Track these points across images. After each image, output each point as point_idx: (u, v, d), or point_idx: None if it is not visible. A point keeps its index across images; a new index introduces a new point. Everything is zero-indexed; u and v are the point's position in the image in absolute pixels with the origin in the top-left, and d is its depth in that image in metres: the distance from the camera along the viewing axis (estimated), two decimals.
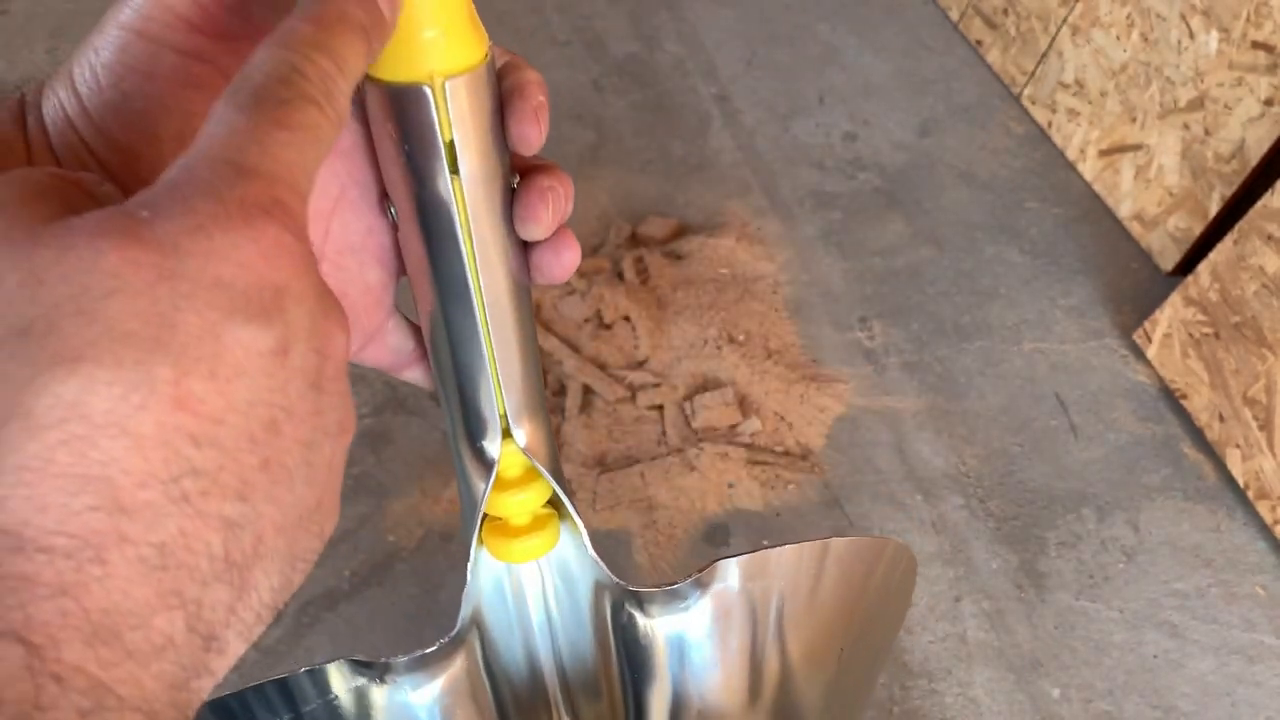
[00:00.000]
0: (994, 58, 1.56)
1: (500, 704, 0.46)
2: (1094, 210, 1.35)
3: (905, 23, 1.67)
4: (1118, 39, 1.32)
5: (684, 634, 0.44)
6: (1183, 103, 1.23)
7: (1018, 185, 1.39)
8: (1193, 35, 1.21)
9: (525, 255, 0.34)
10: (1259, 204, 1.02)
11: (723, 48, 1.63)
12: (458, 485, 0.39)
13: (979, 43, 1.60)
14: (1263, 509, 1.01)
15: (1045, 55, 1.45)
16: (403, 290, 0.37)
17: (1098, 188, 1.36)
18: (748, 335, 1.18)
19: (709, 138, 1.47)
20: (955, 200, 1.38)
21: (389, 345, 0.37)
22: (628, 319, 1.16)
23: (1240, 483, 1.04)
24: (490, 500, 0.38)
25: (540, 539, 0.40)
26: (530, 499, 0.39)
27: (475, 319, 0.33)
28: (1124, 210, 1.32)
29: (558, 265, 0.34)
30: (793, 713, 0.48)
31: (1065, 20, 1.41)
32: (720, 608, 0.44)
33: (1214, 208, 1.18)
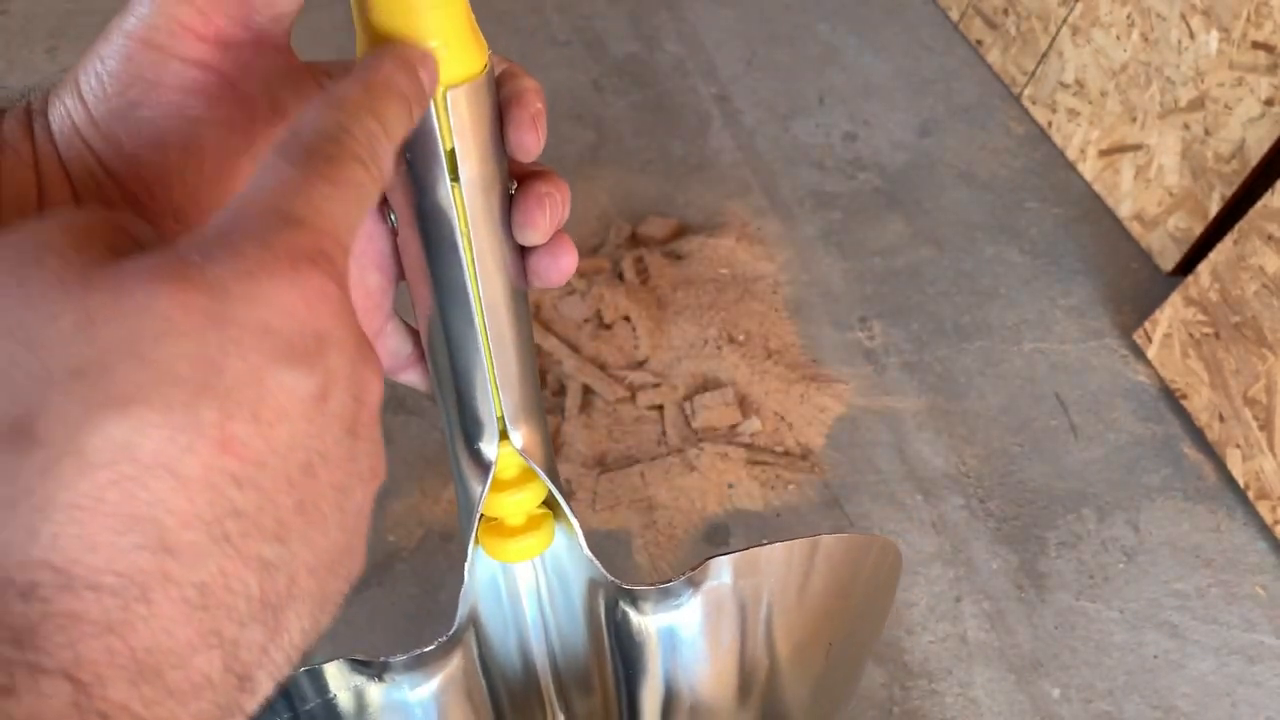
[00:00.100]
0: (994, 58, 1.56)
1: (495, 700, 0.47)
2: (1094, 210, 1.35)
3: (905, 23, 1.68)
4: (1118, 39, 1.32)
5: (676, 630, 0.45)
6: (1183, 103, 1.23)
7: (1018, 185, 1.39)
8: (1193, 35, 1.21)
9: (522, 259, 0.34)
10: (1259, 204, 1.02)
11: (723, 48, 1.63)
12: (455, 486, 0.40)
13: (979, 43, 1.60)
14: (1263, 509, 1.01)
15: (1045, 55, 1.45)
16: (400, 294, 0.37)
17: (1098, 188, 1.36)
18: (748, 335, 1.18)
19: (709, 138, 1.47)
20: (955, 200, 1.38)
21: (387, 348, 0.37)
22: (628, 319, 1.16)
23: (1240, 483, 1.04)
24: (487, 501, 0.39)
25: (536, 538, 0.40)
26: (526, 499, 0.39)
27: (473, 323, 0.34)
28: (1124, 210, 1.32)
29: (555, 269, 0.34)
30: (782, 707, 0.49)
31: (1065, 20, 1.41)
32: (712, 605, 0.45)
33: (1214, 208, 1.18)
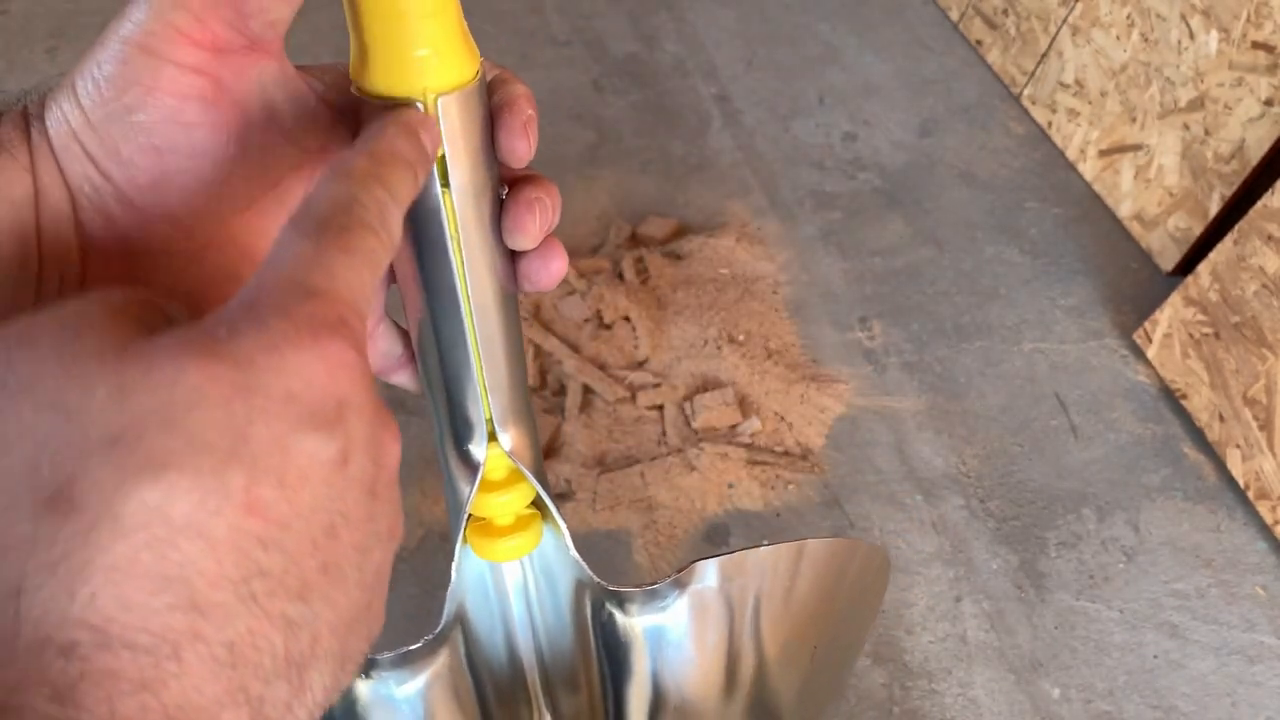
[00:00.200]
0: (994, 58, 1.56)
1: (481, 697, 0.47)
2: (1094, 210, 1.35)
3: (905, 23, 1.68)
4: (1118, 39, 1.32)
5: (662, 632, 0.45)
6: (1183, 103, 1.23)
7: (1018, 185, 1.39)
8: (1193, 35, 1.21)
9: (513, 264, 0.35)
10: (1259, 204, 1.02)
11: (723, 48, 1.63)
12: (444, 486, 0.40)
13: (979, 43, 1.60)
14: (1263, 509, 1.01)
15: (1045, 55, 1.45)
16: (392, 295, 0.37)
17: (1098, 188, 1.36)
18: (748, 335, 1.18)
19: (709, 138, 1.47)
20: (955, 200, 1.38)
21: (379, 349, 0.38)
22: (628, 319, 1.16)
23: (1240, 483, 1.04)
24: (475, 501, 0.39)
25: (523, 539, 0.41)
26: (514, 500, 0.40)
27: (463, 327, 0.34)
28: (1124, 210, 1.32)
29: (545, 274, 0.35)
30: (767, 708, 0.49)
31: (1065, 20, 1.41)
32: (698, 607, 0.45)
33: (1214, 208, 1.18)
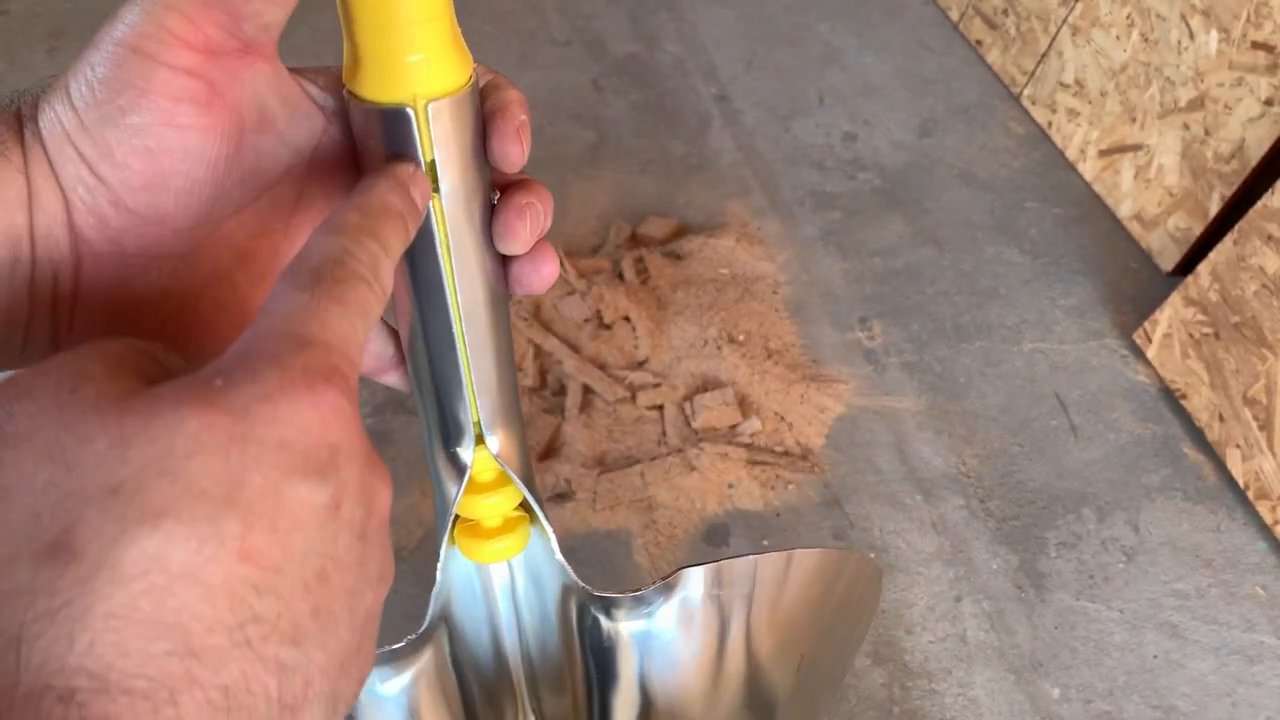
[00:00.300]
0: (994, 58, 1.56)
1: (466, 696, 0.47)
2: (1094, 210, 1.35)
3: (905, 23, 1.68)
4: (1118, 39, 1.32)
5: (647, 639, 0.45)
6: (1183, 103, 1.23)
7: (1018, 185, 1.39)
8: (1193, 35, 1.21)
9: (504, 268, 0.35)
10: (1259, 204, 1.02)
11: (723, 48, 1.63)
12: (432, 486, 0.40)
13: (979, 43, 1.60)
14: (1263, 509, 1.01)
15: (1045, 55, 1.45)
16: None
17: (1098, 188, 1.36)
18: (748, 335, 1.18)
19: (709, 138, 1.47)
20: (955, 200, 1.38)
21: (370, 350, 0.38)
22: (628, 319, 1.16)
23: (1240, 483, 1.04)
24: (463, 503, 0.39)
25: (510, 541, 0.41)
26: (501, 503, 0.40)
27: (452, 330, 0.34)
28: (1124, 210, 1.32)
29: (536, 278, 0.35)
30: (754, 716, 0.49)
31: (1065, 20, 1.41)
32: (683, 614, 0.45)
33: (1214, 208, 1.18)
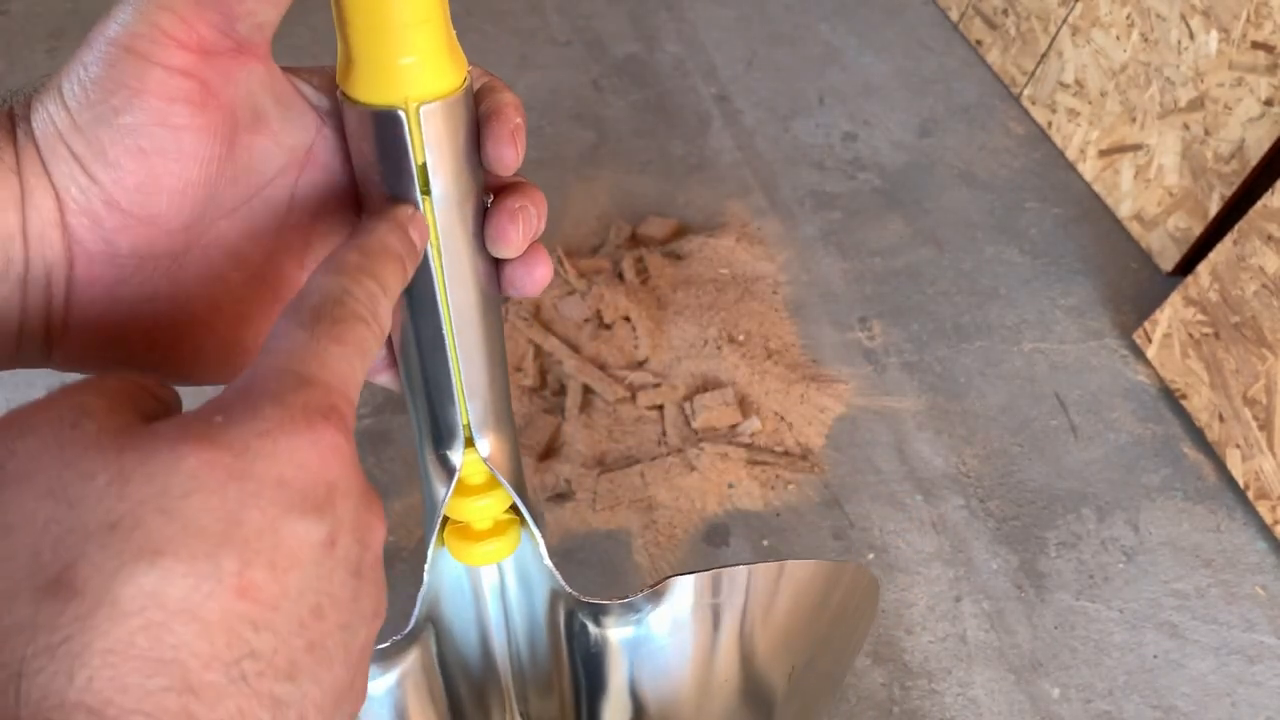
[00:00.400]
0: (994, 58, 1.56)
1: (453, 696, 0.47)
2: (1094, 210, 1.35)
3: (905, 23, 1.68)
4: (1118, 39, 1.32)
5: (635, 646, 0.45)
6: (1183, 103, 1.23)
7: (1018, 185, 1.39)
8: (1193, 35, 1.21)
9: (497, 270, 0.35)
10: (1259, 204, 1.02)
11: (723, 48, 1.63)
12: (421, 487, 0.40)
13: (979, 43, 1.60)
14: (1263, 509, 1.01)
15: (1045, 55, 1.45)
16: None
17: (1098, 188, 1.36)
18: (748, 335, 1.18)
19: (709, 138, 1.47)
20: (955, 200, 1.38)
21: None
22: (628, 319, 1.16)
23: (1240, 483, 1.04)
24: (453, 505, 0.39)
25: (500, 544, 0.41)
26: (491, 506, 0.40)
27: (442, 333, 0.34)
28: (1124, 210, 1.32)
29: (529, 281, 0.35)
30: None
31: (1065, 20, 1.41)
32: (672, 623, 0.45)
33: (1214, 208, 1.18)
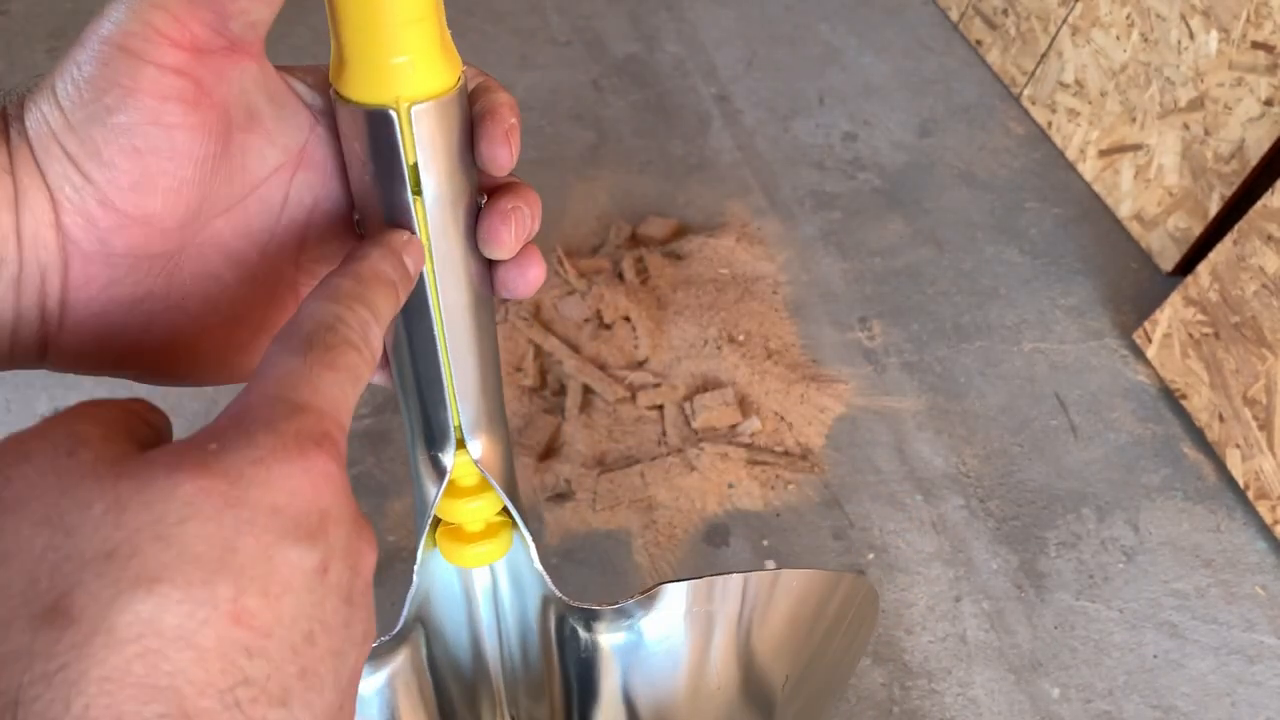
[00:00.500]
0: (994, 58, 1.56)
1: (444, 696, 0.47)
2: (1094, 210, 1.35)
3: (905, 23, 1.68)
4: (1118, 39, 1.32)
5: (627, 652, 0.45)
6: (1183, 103, 1.23)
7: (1018, 185, 1.39)
8: (1193, 35, 1.21)
9: (490, 272, 0.34)
10: (1259, 204, 1.02)
11: (723, 48, 1.63)
12: (413, 487, 0.40)
13: (979, 43, 1.60)
14: (1263, 509, 1.01)
15: (1045, 55, 1.45)
16: None
17: (1098, 188, 1.36)
18: (748, 335, 1.18)
19: (709, 138, 1.47)
20: (955, 200, 1.38)
21: None
22: (628, 319, 1.16)
23: (1240, 483, 1.04)
24: (445, 507, 0.39)
25: (492, 546, 0.41)
26: (483, 508, 0.40)
27: (433, 334, 0.34)
28: (1124, 210, 1.32)
29: (522, 282, 0.34)
30: None
31: (1065, 20, 1.41)
32: (664, 630, 0.44)
33: (1214, 208, 1.18)
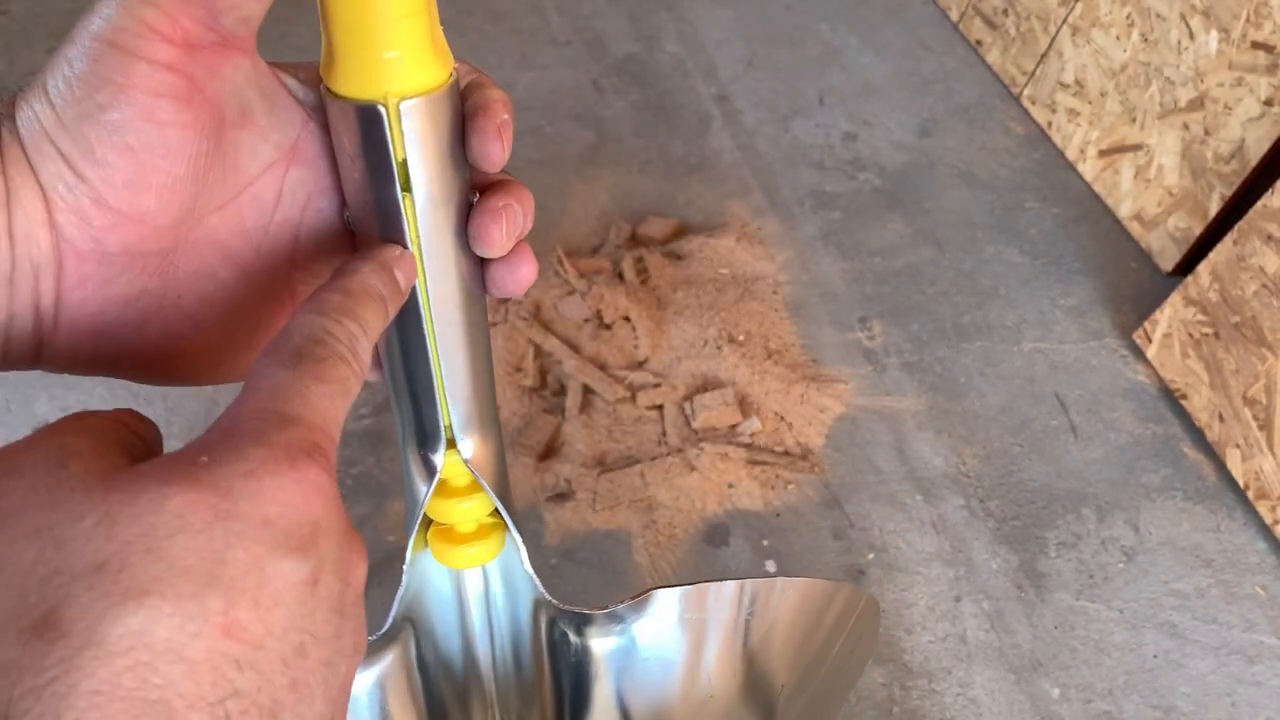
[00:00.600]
0: (994, 58, 1.56)
1: (434, 697, 0.47)
2: (1094, 210, 1.35)
3: (905, 23, 1.68)
4: (1118, 39, 1.32)
5: (621, 657, 0.44)
6: (1183, 103, 1.23)
7: (1018, 185, 1.39)
8: (1193, 35, 1.21)
9: (481, 270, 0.34)
10: (1259, 204, 1.02)
11: (723, 48, 1.63)
12: (404, 487, 0.40)
13: (979, 43, 1.60)
14: (1263, 509, 1.01)
15: (1045, 55, 1.45)
16: None
17: (1098, 188, 1.36)
18: (748, 335, 1.18)
19: (709, 138, 1.47)
20: (955, 200, 1.38)
21: None
22: (628, 319, 1.16)
23: (1240, 483, 1.04)
24: (436, 507, 0.39)
25: (483, 547, 0.40)
26: (474, 508, 0.39)
27: (423, 332, 0.33)
28: (1124, 210, 1.32)
29: (513, 281, 0.34)
30: None
31: (1065, 20, 1.41)
32: (656, 636, 0.44)
33: (1214, 208, 1.18)
